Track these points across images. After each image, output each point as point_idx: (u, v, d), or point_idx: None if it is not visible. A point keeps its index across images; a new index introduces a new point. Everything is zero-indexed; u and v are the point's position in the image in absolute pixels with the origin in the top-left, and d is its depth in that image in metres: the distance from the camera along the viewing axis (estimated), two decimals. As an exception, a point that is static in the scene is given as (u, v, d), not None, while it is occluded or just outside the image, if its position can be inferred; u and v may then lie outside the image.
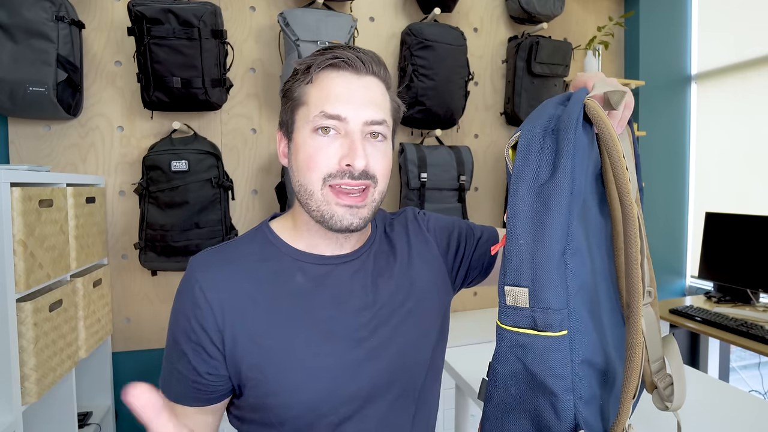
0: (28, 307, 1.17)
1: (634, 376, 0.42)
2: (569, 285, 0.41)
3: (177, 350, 0.64)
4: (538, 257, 0.41)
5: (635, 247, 0.41)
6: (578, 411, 0.42)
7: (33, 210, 1.21)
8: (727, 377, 2.40)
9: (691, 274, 2.66)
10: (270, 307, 0.63)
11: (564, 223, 0.41)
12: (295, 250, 0.67)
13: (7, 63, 1.49)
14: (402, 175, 2.03)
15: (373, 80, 0.64)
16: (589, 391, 0.43)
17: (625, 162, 0.41)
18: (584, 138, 0.44)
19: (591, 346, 0.44)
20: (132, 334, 1.88)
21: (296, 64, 0.65)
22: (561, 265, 0.41)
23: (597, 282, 0.45)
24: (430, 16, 2.08)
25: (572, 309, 0.42)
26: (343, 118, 0.60)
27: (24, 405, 1.16)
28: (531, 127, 0.45)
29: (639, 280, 0.41)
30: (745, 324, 1.75)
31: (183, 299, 0.64)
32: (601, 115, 0.43)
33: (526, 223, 0.42)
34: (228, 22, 1.92)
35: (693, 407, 0.97)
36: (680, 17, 2.61)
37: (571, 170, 0.41)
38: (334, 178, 0.60)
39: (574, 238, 0.42)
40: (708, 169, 2.59)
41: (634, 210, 0.41)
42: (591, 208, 0.46)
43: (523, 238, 0.42)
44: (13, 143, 1.73)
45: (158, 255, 1.72)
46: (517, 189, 0.44)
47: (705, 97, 2.59)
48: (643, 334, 0.42)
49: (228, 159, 1.94)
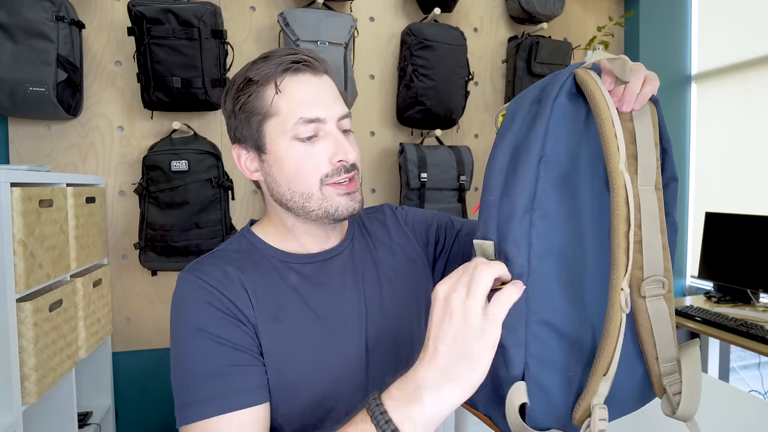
0: (28, 307, 1.17)
1: (606, 352, 0.41)
2: (533, 244, 0.42)
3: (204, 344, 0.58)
4: (503, 212, 0.43)
5: (618, 216, 0.41)
6: (528, 368, 0.43)
7: (33, 210, 1.21)
8: (727, 377, 2.40)
9: (691, 274, 2.66)
10: (272, 300, 0.64)
11: (529, 183, 0.42)
12: (282, 252, 0.68)
13: (7, 63, 1.49)
14: (402, 175, 2.03)
15: (327, 77, 0.65)
16: (548, 355, 0.43)
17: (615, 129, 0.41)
18: (569, 107, 0.44)
19: (557, 311, 0.44)
20: (132, 334, 1.88)
21: (242, 77, 0.63)
22: (524, 223, 0.42)
23: (587, 257, 0.45)
24: (430, 16, 2.08)
25: (535, 269, 0.43)
26: (321, 119, 0.62)
27: (24, 405, 1.16)
28: (523, 95, 0.47)
29: (622, 252, 0.41)
30: (745, 324, 1.75)
31: (192, 293, 0.61)
32: (588, 81, 0.43)
33: (498, 181, 0.45)
34: (228, 22, 1.92)
35: (693, 407, 0.97)
36: (680, 17, 2.61)
37: (543, 134, 0.42)
38: (331, 177, 0.62)
39: (545, 201, 0.42)
40: (708, 169, 2.59)
41: (619, 177, 0.41)
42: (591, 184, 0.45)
43: (494, 195, 0.45)
44: (13, 143, 1.73)
45: (158, 255, 1.72)
46: (496, 150, 0.46)
47: (705, 97, 2.59)
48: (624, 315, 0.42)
49: (228, 159, 1.94)
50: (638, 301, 0.45)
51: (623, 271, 0.41)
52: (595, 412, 0.41)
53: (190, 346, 0.58)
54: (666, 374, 0.46)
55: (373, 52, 2.15)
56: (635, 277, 0.45)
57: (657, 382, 0.47)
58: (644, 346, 0.47)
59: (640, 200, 0.44)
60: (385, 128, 2.19)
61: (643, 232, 0.44)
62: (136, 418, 1.90)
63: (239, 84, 0.64)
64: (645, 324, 0.46)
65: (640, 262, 0.45)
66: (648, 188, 0.45)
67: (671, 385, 0.46)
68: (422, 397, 0.42)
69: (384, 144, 2.18)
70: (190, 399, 0.55)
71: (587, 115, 0.45)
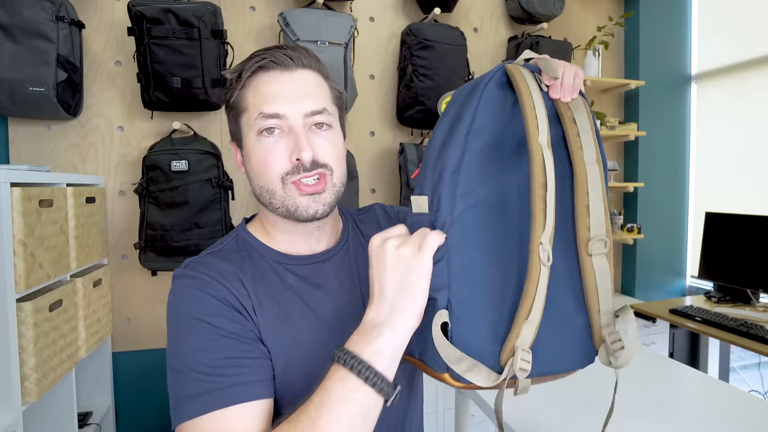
0: (28, 307, 1.17)
1: (527, 298, 0.47)
2: (456, 199, 0.50)
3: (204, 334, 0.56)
4: (436, 172, 0.51)
5: (537, 182, 0.48)
6: (451, 305, 0.49)
7: (33, 210, 1.21)
8: (727, 377, 2.40)
9: (691, 274, 2.66)
10: (273, 301, 0.63)
11: (458, 148, 0.50)
12: (278, 253, 0.68)
13: (7, 63, 1.49)
14: (402, 175, 2.02)
15: (305, 73, 0.64)
16: (469, 297, 0.49)
17: (536, 112, 0.49)
18: (499, 94, 0.52)
19: (475, 260, 0.50)
20: (132, 334, 1.88)
21: (228, 73, 0.66)
22: (453, 182, 0.50)
23: (510, 219, 0.52)
24: (430, 16, 2.08)
25: (457, 219, 0.50)
26: (281, 116, 0.61)
27: (24, 405, 1.16)
28: (463, 87, 0.56)
29: (540, 212, 0.48)
30: (745, 324, 1.75)
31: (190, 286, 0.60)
32: (515, 73, 0.51)
33: (436, 147, 0.53)
34: (228, 22, 1.92)
35: (693, 407, 0.97)
36: (680, 17, 2.61)
37: (473, 110, 0.51)
38: (291, 176, 0.61)
39: (468, 165, 0.50)
40: (708, 169, 2.59)
41: (537, 149, 0.48)
42: (519, 161, 0.53)
43: (431, 158, 0.53)
44: (13, 143, 1.73)
45: (158, 255, 1.72)
46: (439, 125, 0.54)
47: (705, 97, 2.59)
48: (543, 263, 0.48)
49: (228, 159, 1.94)
50: (585, 258, 0.52)
51: (541, 228, 0.48)
52: (518, 353, 0.47)
53: (189, 337, 0.56)
54: (605, 325, 0.52)
55: (373, 52, 2.15)
56: (583, 237, 0.51)
57: (597, 333, 0.53)
58: (588, 300, 0.53)
59: (587, 172, 0.51)
60: (385, 128, 2.19)
61: (590, 198, 0.51)
62: (136, 418, 1.90)
63: (229, 81, 0.67)
64: (590, 278, 0.52)
65: (587, 223, 0.51)
66: (591, 162, 0.52)
67: (609, 335, 0.52)
68: (381, 332, 0.48)
69: (384, 144, 2.18)
70: (188, 393, 0.53)
71: (514, 104, 0.53)
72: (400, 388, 0.49)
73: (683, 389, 1.07)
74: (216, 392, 0.52)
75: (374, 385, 0.47)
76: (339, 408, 0.46)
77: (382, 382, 0.47)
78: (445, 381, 0.50)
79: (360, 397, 0.47)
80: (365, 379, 0.47)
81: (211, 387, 0.53)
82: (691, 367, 1.17)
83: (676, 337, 2.43)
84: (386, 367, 0.48)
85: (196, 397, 0.52)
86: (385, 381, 0.47)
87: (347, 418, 0.46)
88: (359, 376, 0.47)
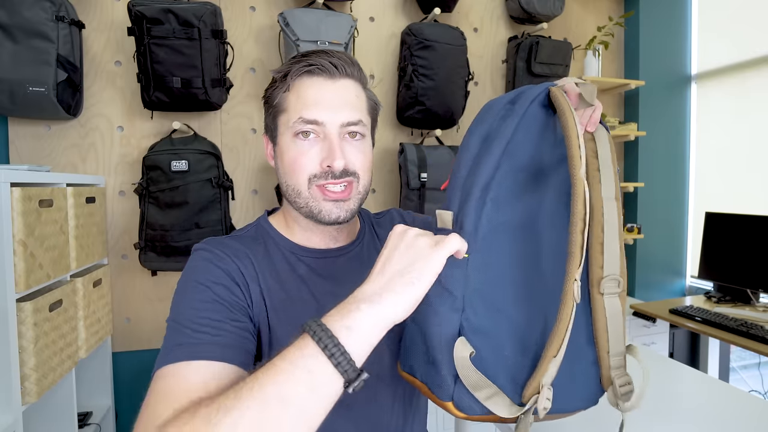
0: (28, 307, 1.17)
1: (558, 337, 0.45)
2: (482, 221, 0.48)
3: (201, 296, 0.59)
4: (465, 189, 0.49)
5: (577, 215, 0.45)
6: (464, 330, 0.47)
7: (33, 210, 1.21)
8: (727, 377, 2.40)
9: (691, 274, 2.66)
10: (281, 288, 0.66)
11: (491, 167, 0.48)
12: (294, 244, 0.71)
13: (7, 63, 1.49)
14: (402, 175, 2.03)
15: (347, 82, 0.67)
16: (483, 324, 0.48)
17: (579, 142, 0.47)
18: (540, 114, 0.50)
19: (497, 287, 0.48)
20: (132, 334, 1.88)
21: (274, 72, 0.69)
22: (481, 201, 0.48)
23: (541, 250, 0.50)
24: (430, 16, 2.08)
25: (481, 241, 0.48)
26: (320, 123, 0.64)
27: (24, 405, 1.16)
28: (498, 97, 0.54)
29: (578, 246, 0.45)
30: (745, 324, 1.75)
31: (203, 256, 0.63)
32: (560, 98, 0.48)
33: (468, 162, 0.51)
34: (228, 22, 1.92)
35: (693, 407, 0.97)
36: (680, 17, 2.61)
37: (514, 127, 0.48)
38: (318, 179, 0.65)
39: (498, 187, 0.48)
40: (708, 169, 2.59)
41: (579, 182, 0.45)
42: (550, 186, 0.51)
43: (461, 173, 0.51)
44: (13, 143, 1.73)
45: (158, 255, 1.72)
46: (470, 137, 0.52)
47: (705, 97, 2.59)
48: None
49: (228, 159, 1.94)
50: (597, 297, 0.50)
51: (578, 264, 0.45)
52: (544, 391, 0.45)
53: (187, 297, 0.60)
54: (614, 367, 0.50)
55: (373, 52, 2.15)
56: (596, 275, 0.49)
57: (606, 374, 0.51)
58: (598, 340, 0.51)
59: (604, 209, 0.49)
60: (385, 128, 2.19)
61: (605, 235, 0.49)
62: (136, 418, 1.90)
63: (273, 78, 0.69)
64: (601, 319, 0.50)
65: (600, 261, 0.49)
66: (609, 198, 0.50)
67: (618, 378, 0.50)
68: (359, 307, 0.44)
69: (384, 144, 2.18)
70: (170, 343, 0.55)
71: (548, 128, 0.51)
72: (366, 375, 0.43)
73: (683, 389, 1.07)
74: (188, 346, 0.54)
75: (331, 357, 0.41)
76: (287, 371, 0.42)
77: (342, 357, 0.42)
78: (448, 410, 0.48)
79: (313, 366, 0.42)
80: (323, 348, 0.42)
81: (187, 341, 0.55)
82: (691, 367, 1.17)
83: (676, 337, 2.43)
84: (354, 345, 0.43)
85: (175, 348, 0.54)
86: (346, 357, 0.42)
87: (293, 387, 0.41)
88: (318, 344, 0.42)
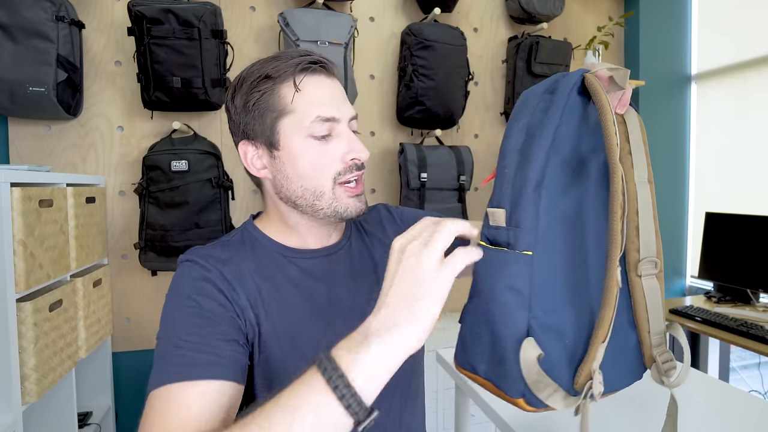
0: (28, 307, 1.17)
1: (605, 322, 0.46)
2: (540, 215, 0.47)
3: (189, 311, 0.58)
4: (516, 184, 0.48)
5: (616, 202, 0.45)
6: (532, 329, 0.46)
7: (33, 210, 1.21)
8: (727, 377, 2.40)
9: (691, 274, 2.66)
10: (272, 294, 0.65)
11: (543, 159, 0.47)
12: (284, 247, 0.70)
13: (7, 63, 1.49)
14: (402, 175, 2.03)
15: (336, 80, 0.68)
16: (550, 320, 0.47)
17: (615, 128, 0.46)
18: (578, 103, 0.49)
19: (559, 280, 0.48)
20: (132, 334, 1.88)
21: (255, 74, 0.64)
22: (536, 196, 0.47)
23: (586, 237, 0.50)
24: (430, 16, 2.08)
25: (541, 238, 0.47)
26: (337, 119, 0.64)
27: (24, 405, 1.16)
28: (533, 88, 0.53)
29: (618, 232, 0.46)
30: (745, 324, 1.75)
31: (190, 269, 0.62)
32: (595, 84, 0.48)
33: (514, 157, 0.50)
34: (228, 22, 1.92)
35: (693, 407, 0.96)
36: (680, 17, 2.61)
37: (558, 118, 0.47)
38: (343, 175, 0.65)
39: (551, 180, 0.47)
40: (708, 169, 2.59)
41: (618, 169, 0.45)
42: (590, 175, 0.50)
43: (509, 168, 0.49)
44: (13, 143, 1.73)
45: (158, 255, 1.72)
46: (511, 130, 0.51)
47: (705, 97, 2.59)
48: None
49: (228, 159, 1.94)
50: (635, 280, 0.50)
51: (619, 248, 0.46)
52: (596, 376, 0.45)
53: (175, 314, 0.58)
54: (656, 345, 0.52)
55: (373, 52, 2.15)
56: (633, 258, 0.50)
57: (648, 353, 0.52)
58: (639, 321, 0.52)
59: (637, 192, 0.49)
60: (385, 128, 2.19)
61: (640, 219, 0.49)
62: (136, 418, 1.89)
63: (253, 80, 0.64)
64: (641, 300, 0.51)
65: (637, 245, 0.49)
66: (642, 181, 0.50)
67: (660, 354, 0.52)
68: (369, 343, 0.42)
69: (384, 144, 2.18)
70: (161, 365, 0.54)
71: (586, 115, 0.50)
72: (377, 414, 0.42)
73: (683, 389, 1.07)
74: (181, 366, 0.53)
75: (342, 398, 0.40)
76: (296, 412, 0.41)
77: (352, 399, 0.40)
78: (518, 405, 0.48)
79: (322, 406, 0.41)
80: (334, 389, 0.40)
81: (179, 360, 0.54)
82: (691, 367, 1.17)
83: (676, 337, 2.42)
84: (364, 384, 0.41)
85: (167, 367, 0.53)
86: (356, 399, 0.40)
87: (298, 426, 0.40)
88: (328, 384, 0.41)
